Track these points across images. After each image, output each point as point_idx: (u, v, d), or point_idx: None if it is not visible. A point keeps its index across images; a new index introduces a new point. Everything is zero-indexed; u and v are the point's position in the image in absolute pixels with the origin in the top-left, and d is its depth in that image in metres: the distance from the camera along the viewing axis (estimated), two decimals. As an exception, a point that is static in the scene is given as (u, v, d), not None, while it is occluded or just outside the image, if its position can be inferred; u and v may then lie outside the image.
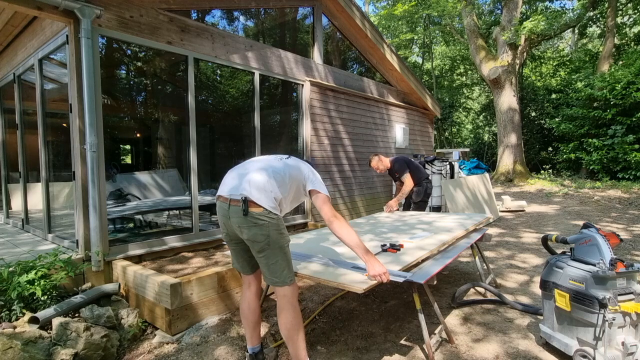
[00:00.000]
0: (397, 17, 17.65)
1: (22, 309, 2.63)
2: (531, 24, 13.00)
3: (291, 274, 2.12)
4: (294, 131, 5.92)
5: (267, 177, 2.11)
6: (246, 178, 2.11)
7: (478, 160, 8.68)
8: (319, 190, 2.21)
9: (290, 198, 2.24)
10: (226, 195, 2.10)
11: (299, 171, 2.26)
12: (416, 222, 3.83)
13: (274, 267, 2.06)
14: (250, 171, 2.16)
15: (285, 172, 2.18)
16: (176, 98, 7.98)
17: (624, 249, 4.87)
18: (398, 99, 8.06)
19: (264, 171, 2.14)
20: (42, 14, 3.22)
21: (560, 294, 2.26)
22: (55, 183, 4.51)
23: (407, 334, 2.73)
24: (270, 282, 2.09)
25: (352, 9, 6.50)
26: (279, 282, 2.07)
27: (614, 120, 12.02)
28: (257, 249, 2.05)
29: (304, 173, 2.26)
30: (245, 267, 2.30)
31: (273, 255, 2.05)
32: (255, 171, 2.15)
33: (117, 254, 3.53)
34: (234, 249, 2.26)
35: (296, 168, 2.26)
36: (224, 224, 2.16)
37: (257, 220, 2.00)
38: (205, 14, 4.96)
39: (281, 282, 2.07)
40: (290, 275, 2.11)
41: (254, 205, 2.00)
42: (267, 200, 2.03)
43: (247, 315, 2.32)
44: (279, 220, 2.09)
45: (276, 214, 2.06)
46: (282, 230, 2.08)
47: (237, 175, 2.18)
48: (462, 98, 23.29)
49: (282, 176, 2.15)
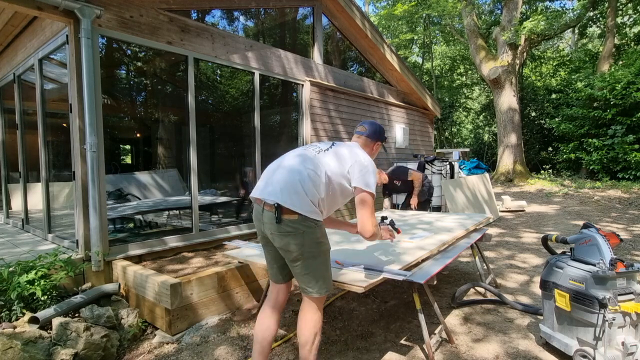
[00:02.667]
0: (397, 17, 17.64)
1: (22, 309, 2.63)
2: (531, 24, 13.00)
3: (327, 284, 1.90)
4: (294, 131, 5.92)
5: (301, 176, 1.83)
6: (277, 178, 1.87)
7: (478, 160, 8.68)
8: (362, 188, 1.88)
9: (332, 198, 1.93)
10: (260, 197, 1.88)
11: (341, 163, 1.93)
12: (416, 222, 3.83)
13: (308, 278, 1.86)
14: (282, 170, 1.90)
15: (321, 167, 1.88)
16: (176, 98, 7.98)
17: (624, 249, 4.87)
18: (398, 99, 8.06)
19: (298, 169, 1.86)
20: (42, 14, 3.22)
21: (560, 294, 2.26)
22: (55, 183, 4.51)
23: (407, 334, 2.73)
24: (303, 290, 1.91)
25: (352, 9, 6.50)
26: (312, 292, 1.88)
27: (614, 120, 12.02)
28: (289, 258, 1.87)
29: (347, 165, 1.92)
30: (277, 274, 2.04)
31: (307, 266, 1.84)
32: (287, 170, 1.89)
33: (117, 254, 3.53)
34: (269, 252, 2.03)
35: (338, 159, 1.94)
36: (258, 228, 1.97)
37: (292, 229, 1.78)
38: (205, 14, 4.96)
39: (315, 292, 1.88)
40: (326, 286, 1.90)
41: (288, 212, 1.78)
42: (303, 205, 1.78)
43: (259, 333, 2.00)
44: (318, 228, 1.84)
45: (315, 220, 1.82)
46: (320, 238, 1.85)
47: (270, 173, 1.95)
48: (462, 98, 23.29)
49: (316, 173, 1.86)
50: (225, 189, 7.42)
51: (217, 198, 6.23)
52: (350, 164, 1.92)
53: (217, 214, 5.58)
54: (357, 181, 1.89)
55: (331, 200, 1.94)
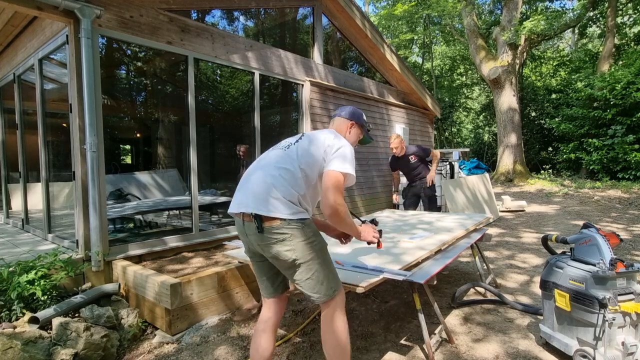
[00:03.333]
0: (397, 17, 17.65)
1: (22, 309, 2.63)
2: (531, 24, 13.01)
3: (333, 283, 1.77)
4: (294, 131, 5.92)
5: (273, 179, 1.72)
6: (250, 187, 1.76)
7: (478, 160, 8.67)
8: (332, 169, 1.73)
9: (313, 190, 1.82)
10: (236, 211, 1.77)
11: (313, 151, 1.79)
12: (416, 222, 3.83)
13: (310, 283, 1.72)
14: (254, 176, 1.80)
15: (293, 162, 1.77)
16: (176, 98, 7.99)
17: (624, 249, 4.87)
18: (398, 99, 8.06)
19: (268, 172, 1.76)
20: (42, 14, 3.22)
21: (560, 294, 2.26)
22: (55, 183, 4.51)
23: (407, 334, 2.73)
24: (312, 298, 1.77)
25: (352, 9, 6.50)
26: (320, 297, 1.73)
27: (614, 120, 12.02)
28: (284, 267, 1.74)
29: (320, 151, 1.79)
30: (269, 287, 1.91)
31: (306, 270, 1.71)
32: (258, 175, 1.78)
33: (117, 254, 3.53)
34: (257, 265, 1.91)
35: (309, 149, 1.81)
36: (244, 242, 1.86)
37: (277, 236, 1.66)
38: (205, 14, 4.96)
39: (323, 296, 1.73)
40: (333, 284, 1.76)
41: (268, 219, 1.66)
42: (283, 207, 1.66)
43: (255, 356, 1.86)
44: (305, 227, 1.71)
45: (299, 220, 1.69)
46: (310, 238, 1.72)
47: (244, 182, 1.84)
48: (462, 98, 23.30)
49: (288, 170, 1.75)
50: (225, 189, 7.42)
51: (217, 198, 6.23)
52: (324, 149, 1.80)
53: (217, 214, 5.58)
54: (330, 164, 1.75)
55: (313, 193, 1.82)
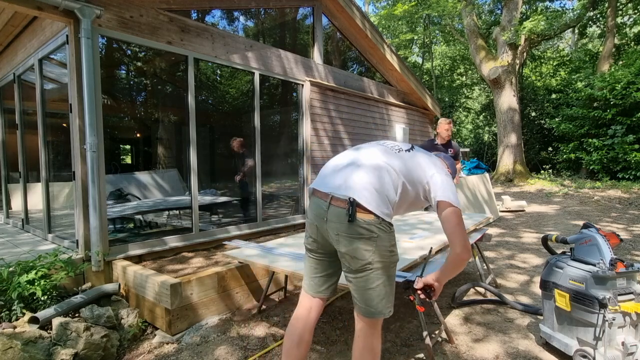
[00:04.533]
0: (397, 17, 17.65)
1: (22, 309, 2.63)
2: (531, 24, 13.00)
3: (390, 303, 1.63)
4: (294, 131, 5.92)
5: (381, 173, 1.61)
6: (352, 171, 1.63)
7: (478, 160, 8.69)
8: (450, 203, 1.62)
9: (405, 205, 1.73)
10: (326, 191, 1.62)
11: (421, 170, 1.70)
12: (416, 222, 3.84)
13: (371, 294, 1.57)
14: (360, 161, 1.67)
15: (401, 170, 1.67)
16: (176, 98, 7.99)
17: (624, 249, 4.87)
18: (398, 99, 8.06)
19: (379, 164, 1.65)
20: (42, 14, 3.22)
21: (560, 294, 2.26)
22: (55, 183, 4.51)
23: (407, 334, 2.72)
24: (362, 311, 1.63)
25: (352, 9, 6.50)
26: (374, 312, 1.60)
27: (614, 120, 12.02)
28: (354, 267, 1.57)
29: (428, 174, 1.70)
30: (317, 286, 1.77)
31: (375, 279, 1.56)
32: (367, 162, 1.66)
33: (117, 254, 3.53)
34: (315, 260, 1.76)
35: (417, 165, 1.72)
36: (315, 227, 1.68)
37: (365, 231, 1.52)
38: (205, 14, 4.97)
39: (377, 312, 1.60)
40: (389, 304, 1.63)
41: (363, 210, 1.52)
42: (381, 205, 1.55)
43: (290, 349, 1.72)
44: (391, 233, 1.59)
45: (389, 224, 1.58)
46: (393, 247, 1.60)
47: (340, 165, 1.70)
48: (462, 98, 23.31)
49: (397, 173, 1.65)
50: (225, 189, 7.43)
51: (217, 198, 6.23)
52: (431, 174, 1.69)
53: (217, 214, 5.59)
54: (442, 194, 1.63)
55: (398, 208, 1.70)
